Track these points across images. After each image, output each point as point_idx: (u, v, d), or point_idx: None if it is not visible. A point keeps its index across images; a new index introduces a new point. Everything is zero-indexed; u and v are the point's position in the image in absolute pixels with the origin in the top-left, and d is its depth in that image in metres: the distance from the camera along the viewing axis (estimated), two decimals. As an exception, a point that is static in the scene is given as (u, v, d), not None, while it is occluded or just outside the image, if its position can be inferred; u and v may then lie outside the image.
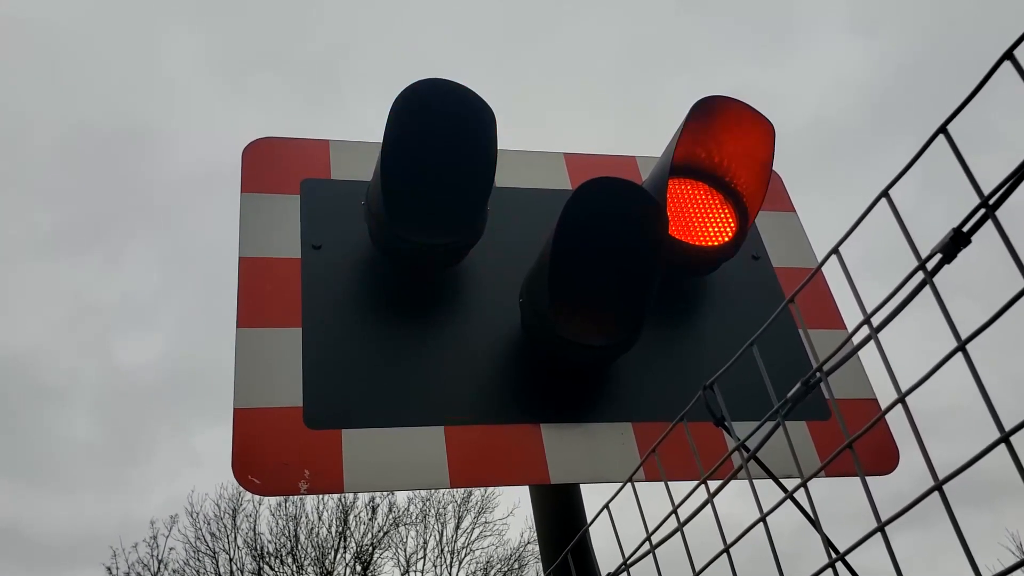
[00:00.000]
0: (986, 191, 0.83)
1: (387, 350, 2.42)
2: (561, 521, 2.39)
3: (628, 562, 1.25)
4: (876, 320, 0.93)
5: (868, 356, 2.71)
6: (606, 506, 1.37)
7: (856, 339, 0.98)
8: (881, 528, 0.90)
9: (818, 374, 0.99)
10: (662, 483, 2.25)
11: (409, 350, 2.44)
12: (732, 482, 1.22)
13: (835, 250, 0.98)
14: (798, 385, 1.07)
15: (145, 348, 33.91)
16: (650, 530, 1.20)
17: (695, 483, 1.24)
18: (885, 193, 0.92)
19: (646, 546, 1.22)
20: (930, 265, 0.87)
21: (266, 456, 2.19)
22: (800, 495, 1.13)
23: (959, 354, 0.83)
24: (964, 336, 0.82)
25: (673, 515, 1.18)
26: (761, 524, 1.08)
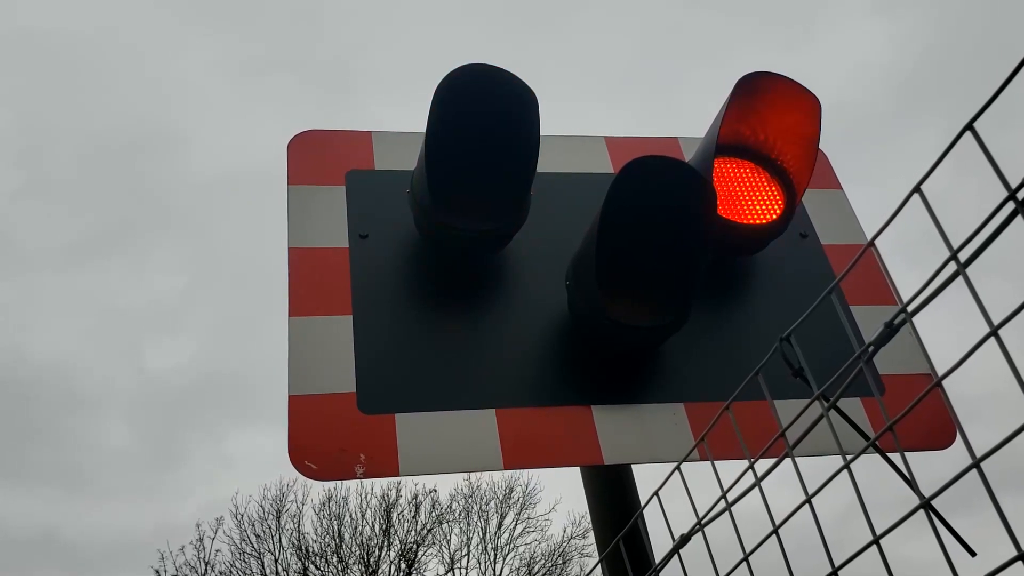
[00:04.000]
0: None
1: (437, 335, 2.43)
2: (615, 502, 2.38)
3: (703, 521, 1.24)
4: (963, 256, 0.92)
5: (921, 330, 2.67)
6: (677, 467, 1.36)
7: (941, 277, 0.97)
8: (976, 464, 0.88)
9: (902, 315, 0.98)
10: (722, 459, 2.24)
11: (458, 335, 2.45)
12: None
13: (917, 188, 0.97)
14: (881, 327, 1.06)
15: (175, 353, 34.42)
16: (725, 487, 1.19)
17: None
18: (970, 126, 0.91)
19: (721, 504, 1.21)
20: (1021, 195, 0.86)
21: (322, 441, 2.20)
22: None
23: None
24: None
25: (750, 470, 1.17)
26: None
